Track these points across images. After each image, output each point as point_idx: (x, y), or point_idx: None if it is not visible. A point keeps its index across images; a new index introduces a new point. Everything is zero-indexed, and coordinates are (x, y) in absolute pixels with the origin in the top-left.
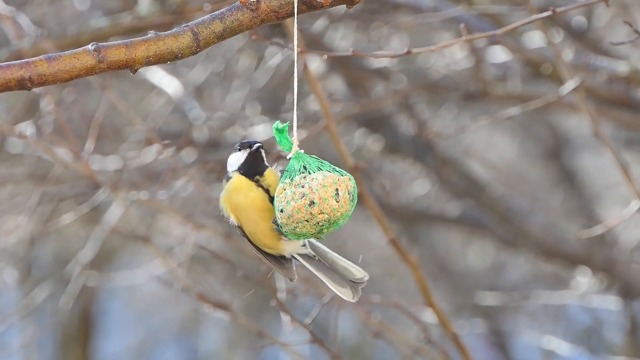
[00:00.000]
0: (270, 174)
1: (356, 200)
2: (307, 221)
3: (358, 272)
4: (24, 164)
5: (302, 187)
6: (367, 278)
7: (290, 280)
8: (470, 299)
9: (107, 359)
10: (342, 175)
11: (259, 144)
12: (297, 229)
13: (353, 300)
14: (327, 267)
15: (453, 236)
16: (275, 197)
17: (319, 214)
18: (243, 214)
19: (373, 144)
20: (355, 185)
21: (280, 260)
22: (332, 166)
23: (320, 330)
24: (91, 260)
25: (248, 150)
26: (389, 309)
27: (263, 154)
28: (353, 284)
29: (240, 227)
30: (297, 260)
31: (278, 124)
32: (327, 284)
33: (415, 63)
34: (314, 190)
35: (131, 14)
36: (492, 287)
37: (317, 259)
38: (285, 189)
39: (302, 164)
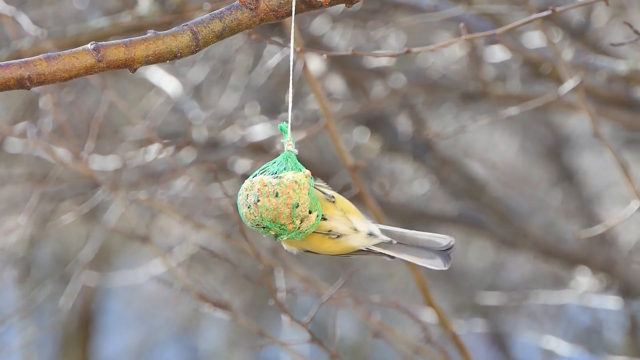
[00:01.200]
0: None
1: (288, 198)
2: (255, 227)
3: (443, 240)
4: (23, 164)
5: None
6: (453, 242)
7: (391, 257)
8: (470, 299)
9: (107, 358)
10: (263, 179)
11: None
12: (259, 231)
13: (445, 268)
14: (410, 247)
15: (453, 236)
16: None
17: (251, 220)
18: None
19: (372, 143)
20: (293, 191)
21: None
22: (296, 168)
23: (321, 329)
24: (91, 260)
25: None
26: (389, 309)
27: None
28: (442, 252)
29: (308, 251)
30: (375, 251)
31: (284, 124)
32: (416, 262)
33: (415, 63)
34: (236, 200)
35: (131, 14)
36: (492, 287)
37: (395, 242)
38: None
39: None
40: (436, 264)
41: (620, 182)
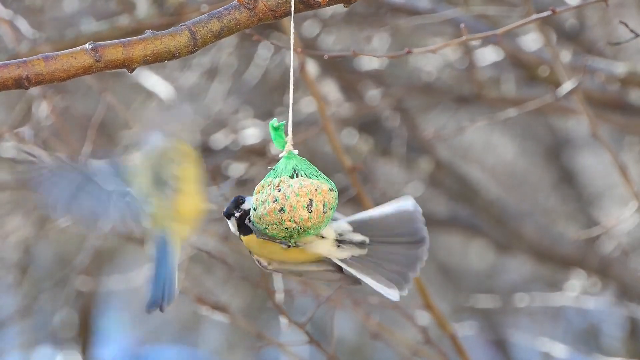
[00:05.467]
0: None
1: (333, 212)
2: (277, 225)
3: (408, 204)
4: (20, 168)
5: (278, 191)
6: (417, 207)
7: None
8: (468, 301)
9: (106, 359)
10: (322, 186)
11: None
12: (267, 230)
13: (397, 299)
14: (375, 264)
15: (451, 237)
16: (253, 194)
17: (288, 221)
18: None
19: (366, 146)
20: (336, 197)
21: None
22: (319, 172)
23: (319, 331)
24: (90, 262)
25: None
26: (387, 310)
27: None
28: (416, 248)
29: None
30: (337, 266)
31: (275, 121)
32: (374, 286)
33: (408, 66)
34: (286, 197)
35: (129, 17)
36: (490, 289)
37: (368, 242)
38: (263, 188)
39: (293, 167)
40: (392, 294)
41: (620, 184)
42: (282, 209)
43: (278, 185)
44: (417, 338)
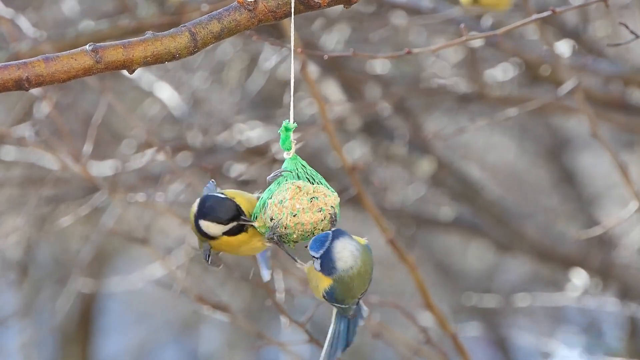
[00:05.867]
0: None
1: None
2: (310, 232)
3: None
4: (21, 166)
5: (317, 199)
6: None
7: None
8: (469, 301)
9: (107, 359)
10: (334, 193)
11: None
12: (290, 235)
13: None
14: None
15: (451, 237)
16: (279, 197)
17: (321, 230)
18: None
19: (367, 146)
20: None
21: None
22: (319, 176)
23: (319, 330)
24: (90, 262)
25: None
26: (388, 310)
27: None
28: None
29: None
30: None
31: (287, 122)
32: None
33: (410, 65)
34: (329, 207)
35: (130, 16)
36: (490, 288)
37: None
38: (298, 194)
39: (297, 168)
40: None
41: (620, 184)
42: (324, 219)
43: (313, 194)
44: (417, 338)
